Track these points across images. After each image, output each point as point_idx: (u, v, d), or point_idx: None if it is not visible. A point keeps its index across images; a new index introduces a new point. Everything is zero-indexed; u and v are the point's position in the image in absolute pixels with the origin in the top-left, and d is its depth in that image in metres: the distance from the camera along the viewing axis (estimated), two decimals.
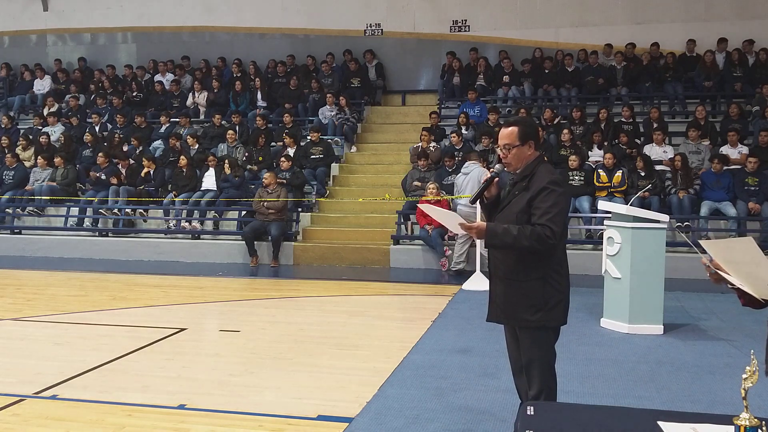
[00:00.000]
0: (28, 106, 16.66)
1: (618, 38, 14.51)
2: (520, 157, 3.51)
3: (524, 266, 3.47)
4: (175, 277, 9.95)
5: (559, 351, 5.89)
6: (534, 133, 3.56)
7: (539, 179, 3.42)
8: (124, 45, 17.82)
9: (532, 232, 3.32)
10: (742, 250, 2.46)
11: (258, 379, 5.24)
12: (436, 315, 7.31)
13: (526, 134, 3.51)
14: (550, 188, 3.38)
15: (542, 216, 3.34)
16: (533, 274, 3.45)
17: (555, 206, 3.35)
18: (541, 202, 3.37)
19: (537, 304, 3.44)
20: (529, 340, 3.51)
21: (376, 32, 16.05)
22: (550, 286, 3.45)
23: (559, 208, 3.37)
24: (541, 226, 3.33)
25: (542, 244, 3.34)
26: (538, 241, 3.32)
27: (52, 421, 4.39)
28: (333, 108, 14.21)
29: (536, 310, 3.44)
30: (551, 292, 3.46)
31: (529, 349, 3.52)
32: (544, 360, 3.52)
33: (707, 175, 10.70)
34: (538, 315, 3.44)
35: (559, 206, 3.37)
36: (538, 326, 3.47)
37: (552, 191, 3.37)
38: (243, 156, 13.02)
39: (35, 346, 6.21)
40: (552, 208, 3.34)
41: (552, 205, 3.35)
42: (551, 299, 3.45)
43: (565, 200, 3.45)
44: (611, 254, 6.68)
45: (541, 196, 3.38)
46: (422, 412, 4.45)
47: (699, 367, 5.52)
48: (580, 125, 12.63)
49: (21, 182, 13.33)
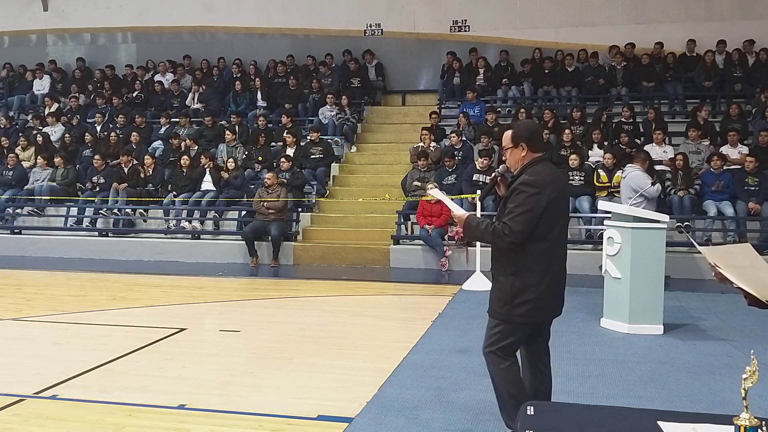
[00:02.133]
0: (28, 106, 16.65)
1: (618, 38, 14.51)
2: (515, 158, 3.73)
3: (500, 262, 3.71)
4: (175, 277, 9.94)
5: (559, 351, 5.92)
6: (527, 136, 3.71)
7: (521, 179, 3.62)
8: (124, 45, 17.82)
9: (494, 228, 3.59)
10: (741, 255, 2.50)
11: (258, 379, 5.24)
12: (436, 315, 7.31)
13: (518, 137, 3.71)
14: (520, 189, 3.57)
15: (507, 215, 3.57)
16: (506, 270, 3.66)
17: (520, 206, 3.52)
18: (510, 201, 3.60)
19: (504, 298, 3.66)
20: (491, 328, 3.76)
21: (376, 32, 16.05)
22: (521, 282, 3.62)
23: (524, 209, 3.52)
24: (503, 224, 3.56)
25: (500, 241, 3.59)
26: (497, 237, 3.59)
27: (52, 421, 4.39)
28: (333, 108, 14.21)
29: (504, 303, 3.66)
30: (520, 288, 3.62)
31: (489, 336, 3.75)
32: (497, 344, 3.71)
33: (707, 175, 10.70)
34: (504, 308, 3.66)
35: (524, 207, 3.52)
36: (503, 318, 3.68)
37: (521, 192, 3.56)
38: (242, 156, 13.02)
39: (35, 346, 6.21)
40: (516, 208, 3.53)
41: (517, 205, 3.54)
42: (518, 296, 3.62)
43: (534, 200, 3.53)
44: (611, 254, 6.68)
45: (512, 196, 3.60)
46: (422, 412, 4.45)
47: (699, 367, 5.52)
48: (580, 125, 12.63)
49: (19, 182, 13.33)
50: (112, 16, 17.40)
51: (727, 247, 2.66)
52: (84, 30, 17.88)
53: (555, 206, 3.61)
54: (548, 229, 3.61)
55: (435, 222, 10.55)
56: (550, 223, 3.60)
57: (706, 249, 2.63)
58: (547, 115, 12.96)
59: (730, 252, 2.59)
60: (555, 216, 3.62)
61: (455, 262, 10.42)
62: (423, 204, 10.79)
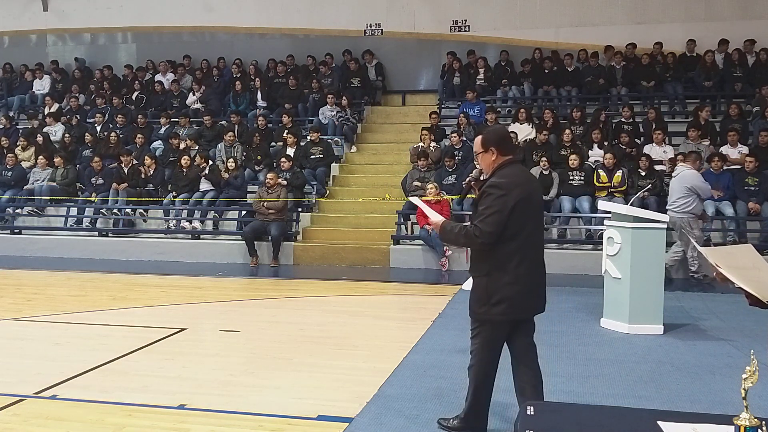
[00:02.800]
0: (28, 106, 16.65)
1: (618, 38, 14.51)
2: (486, 161, 3.87)
3: (475, 263, 3.87)
4: (175, 277, 9.94)
5: (559, 351, 5.93)
6: (496, 140, 3.85)
7: (489, 182, 3.77)
8: (124, 45, 17.82)
9: (466, 231, 3.73)
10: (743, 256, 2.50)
11: (258, 379, 5.24)
12: (436, 315, 7.30)
13: (488, 141, 3.85)
14: (488, 191, 3.71)
15: (477, 217, 3.71)
16: (481, 270, 3.81)
17: (489, 208, 3.66)
18: (480, 204, 3.73)
19: (481, 298, 3.80)
20: (473, 329, 3.92)
21: (376, 32, 16.05)
22: (494, 282, 3.75)
23: (493, 210, 3.65)
24: (474, 226, 3.69)
25: (472, 243, 3.76)
26: (468, 239, 3.74)
27: (52, 421, 4.39)
28: (333, 108, 14.21)
29: (482, 303, 3.80)
30: (494, 288, 3.74)
31: (473, 338, 3.94)
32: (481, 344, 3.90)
33: (707, 175, 10.69)
34: (482, 308, 3.80)
35: (493, 208, 3.65)
36: (482, 319, 3.84)
37: (489, 194, 3.70)
38: (242, 156, 13.02)
39: (35, 346, 6.21)
40: (486, 210, 3.67)
41: (486, 207, 3.68)
42: (494, 295, 3.75)
43: (502, 202, 3.66)
44: (611, 254, 6.68)
45: (481, 198, 3.73)
46: (422, 412, 4.45)
47: (699, 367, 5.52)
48: (580, 125, 12.63)
49: (19, 182, 13.33)
50: (112, 16, 17.40)
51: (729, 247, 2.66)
52: (84, 30, 17.88)
53: (524, 207, 3.71)
54: (518, 229, 3.71)
55: None
56: (519, 223, 3.70)
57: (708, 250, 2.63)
58: (547, 115, 12.96)
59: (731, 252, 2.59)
60: (524, 216, 3.72)
61: (455, 262, 10.42)
62: None
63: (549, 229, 10.98)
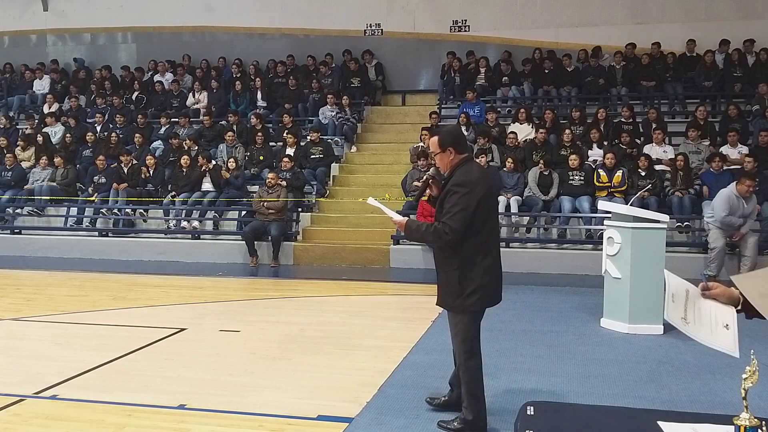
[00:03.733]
0: (28, 106, 16.66)
1: (618, 38, 14.52)
2: (444, 161, 4.03)
3: (445, 258, 4.02)
4: (175, 277, 9.94)
5: (559, 351, 5.93)
6: (452, 141, 4.06)
7: (452, 181, 3.93)
8: (124, 45, 17.82)
9: (435, 229, 3.88)
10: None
11: (258, 379, 5.24)
12: (436, 315, 7.28)
13: (445, 142, 4.03)
14: (453, 190, 3.88)
15: (445, 215, 3.87)
16: (451, 265, 3.97)
17: (455, 206, 3.83)
18: (446, 202, 3.89)
19: (455, 291, 3.97)
20: (452, 321, 4.10)
21: (376, 32, 16.05)
22: (465, 275, 3.94)
23: (460, 208, 3.83)
24: (442, 224, 3.86)
25: (441, 240, 3.90)
26: (438, 237, 3.89)
27: (52, 421, 4.39)
28: (333, 108, 14.21)
29: (456, 296, 3.97)
30: (466, 281, 3.94)
31: (453, 327, 4.11)
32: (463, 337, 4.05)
33: (707, 175, 10.70)
34: (457, 301, 3.98)
35: (459, 206, 3.83)
36: (458, 310, 4.02)
37: (455, 192, 3.87)
38: (244, 156, 13.02)
39: (35, 346, 6.21)
40: (453, 208, 3.84)
41: (453, 205, 3.84)
42: (467, 287, 3.94)
43: (467, 199, 3.85)
44: (611, 254, 6.68)
45: (447, 197, 3.89)
46: (422, 412, 4.45)
47: (699, 367, 5.52)
48: (580, 125, 12.63)
49: (18, 183, 13.33)
50: (112, 16, 17.40)
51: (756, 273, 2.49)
52: (84, 30, 17.88)
53: (485, 202, 3.94)
54: (482, 223, 3.93)
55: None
56: (482, 218, 3.92)
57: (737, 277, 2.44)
58: (547, 115, 12.97)
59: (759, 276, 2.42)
60: (486, 211, 3.95)
61: None
62: (423, 204, 10.76)
63: (549, 229, 11.00)
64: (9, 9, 18.12)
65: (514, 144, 12.07)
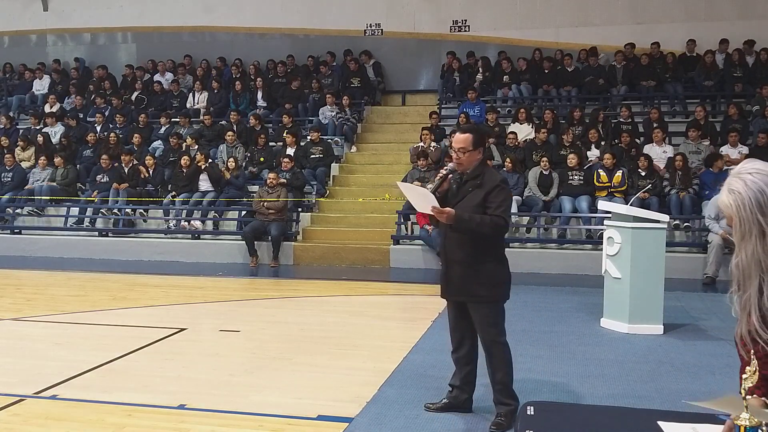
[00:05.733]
0: (28, 106, 16.65)
1: (618, 38, 14.51)
2: (471, 159, 4.17)
3: (481, 250, 4.13)
4: (175, 277, 9.94)
5: (559, 351, 5.93)
6: (484, 141, 4.30)
7: (490, 178, 4.15)
8: (124, 45, 17.82)
9: (491, 220, 4.03)
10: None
11: (258, 379, 5.24)
12: (436, 315, 7.29)
13: (478, 142, 4.17)
14: (502, 186, 4.15)
15: (497, 209, 4.06)
16: (487, 257, 4.14)
17: (505, 201, 4.11)
18: (495, 197, 4.07)
19: (489, 282, 4.14)
20: (480, 312, 4.19)
21: (376, 32, 16.05)
22: (499, 267, 4.20)
23: (507, 204, 4.14)
24: (497, 216, 4.04)
25: (498, 231, 4.11)
26: (495, 228, 4.06)
27: (52, 421, 4.38)
28: (333, 108, 14.21)
29: (490, 286, 4.15)
30: (501, 271, 4.20)
31: (483, 318, 4.19)
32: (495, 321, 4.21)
33: (706, 175, 10.69)
34: (492, 291, 4.16)
35: (507, 202, 4.14)
36: (490, 300, 4.18)
37: (503, 189, 4.14)
38: (245, 157, 13.02)
39: (35, 346, 6.20)
40: (503, 203, 4.09)
41: (503, 200, 4.10)
42: (500, 277, 4.20)
43: (510, 196, 4.23)
44: (611, 254, 6.68)
45: (494, 192, 4.08)
46: (422, 412, 4.45)
47: (699, 367, 5.52)
48: (579, 125, 12.63)
49: (19, 183, 13.33)
50: (112, 16, 17.40)
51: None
52: (84, 30, 17.88)
53: None
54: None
55: None
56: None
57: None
58: (547, 115, 12.97)
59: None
60: None
61: None
62: None
63: (549, 229, 10.99)
64: (9, 9, 18.12)
65: (514, 144, 12.08)
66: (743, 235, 2.07)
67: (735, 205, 2.06)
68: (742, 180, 2.07)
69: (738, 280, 2.12)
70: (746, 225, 2.05)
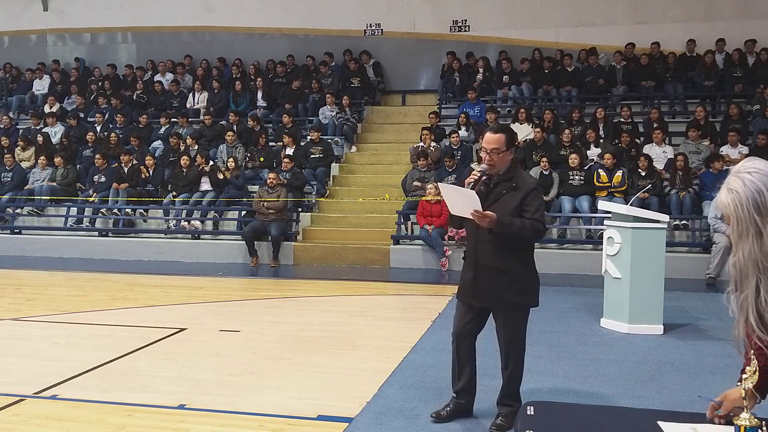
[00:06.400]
0: (28, 106, 16.65)
1: (618, 38, 14.52)
2: (504, 160, 4.05)
3: (517, 255, 4.07)
4: (176, 277, 9.94)
5: (559, 351, 5.93)
6: (515, 141, 4.24)
7: (525, 181, 4.09)
8: (124, 45, 17.82)
9: (531, 224, 3.94)
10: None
11: (258, 379, 5.24)
12: (436, 315, 7.30)
13: (510, 142, 4.07)
14: (538, 189, 4.11)
15: (534, 213, 3.97)
16: (521, 262, 4.08)
17: (541, 205, 4.05)
18: (532, 200, 4.00)
19: (522, 288, 4.08)
20: (509, 320, 4.15)
21: (375, 32, 16.05)
22: (532, 272, 4.13)
23: (543, 208, 4.10)
24: (536, 221, 3.96)
25: (538, 235, 4.03)
26: (535, 233, 3.99)
27: (52, 421, 4.38)
28: (333, 108, 14.21)
29: (522, 293, 4.09)
30: (533, 278, 4.13)
31: (512, 326, 4.16)
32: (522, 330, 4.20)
33: (706, 175, 10.69)
34: (524, 297, 4.11)
35: (543, 206, 4.10)
36: (521, 307, 4.14)
37: (538, 192, 4.09)
38: (244, 156, 13.02)
39: (35, 346, 6.20)
40: (540, 207, 4.02)
41: (540, 203, 4.04)
42: (533, 284, 4.13)
43: (543, 200, 4.17)
44: (611, 254, 6.68)
45: (531, 195, 4.01)
46: (422, 412, 4.45)
47: (699, 367, 5.52)
48: (579, 125, 12.63)
49: (19, 183, 13.33)
50: (112, 16, 17.40)
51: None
52: (84, 30, 17.88)
53: None
54: None
55: (435, 222, 10.55)
56: None
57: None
58: (547, 115, 12.96)
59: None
60: None
61: (455, 262, 10.41)
62: (423, 204, 10.79)
63: (549, 229, 10.99)
64: (9, 9, 18.13)
65: None
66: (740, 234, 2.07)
67: (732, 205, 2.06)
68: (741, 179, 2.07)
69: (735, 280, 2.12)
70: (743, 225, 2.05)
